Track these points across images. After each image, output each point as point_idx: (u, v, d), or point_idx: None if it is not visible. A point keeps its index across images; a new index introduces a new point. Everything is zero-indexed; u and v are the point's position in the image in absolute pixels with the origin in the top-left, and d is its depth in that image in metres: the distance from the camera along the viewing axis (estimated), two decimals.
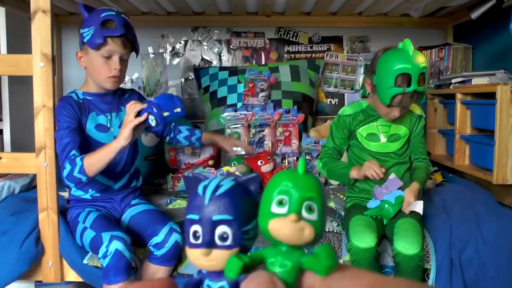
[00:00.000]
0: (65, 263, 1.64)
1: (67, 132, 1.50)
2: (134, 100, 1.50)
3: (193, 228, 0.45)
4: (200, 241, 0.44)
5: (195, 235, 0.45)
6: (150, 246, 1.54)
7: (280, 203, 0.41)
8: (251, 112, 2.38)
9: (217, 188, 0.46)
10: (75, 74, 2.82)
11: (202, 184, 0.47)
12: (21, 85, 2.33)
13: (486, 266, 1.57)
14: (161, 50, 2.87)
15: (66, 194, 1.76)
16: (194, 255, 0.44)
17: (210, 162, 2.25)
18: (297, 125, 2.38)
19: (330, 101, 2.91)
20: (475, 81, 2.07)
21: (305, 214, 0.41)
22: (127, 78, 2.80)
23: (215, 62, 2.89)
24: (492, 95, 1.79)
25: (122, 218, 1.67)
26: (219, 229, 0.44)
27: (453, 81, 2.22)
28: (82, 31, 1.53)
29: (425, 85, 1.53)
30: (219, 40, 2.88)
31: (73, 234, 1.60)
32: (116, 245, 1.41)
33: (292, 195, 0.41)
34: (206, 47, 2.88)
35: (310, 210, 0.41)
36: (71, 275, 1.65)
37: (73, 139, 1.49)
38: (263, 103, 2.46)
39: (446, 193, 1.89)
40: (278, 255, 0.41)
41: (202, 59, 2.89)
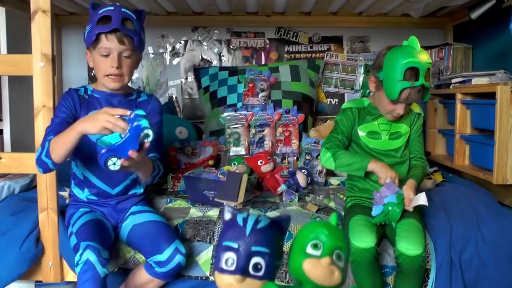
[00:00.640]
0: (65, 263, 1.64)
1: (57, 121, 1.47)
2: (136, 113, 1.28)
3: (228, 255, 0.48)
4: (234, 268, 0.47)
5: (227, 262, 0.48)
6: (151, 261, 1.46)
7: (315, 246, 0.47)
8: (251, 112, 2.38)
9: (257, 222, 0.50)
10: (75, 74, 2.82)
11: (241, 216, 0.51)
12: (21, 85, 2.33)
13: (486, 266, 1.57)
14: (161, 50, 2.87)
15: (66, 194, 1.75)
16: (226, 281, 0.48)
17: (210, 162, 2.25)
18: (297, 125, 2.38)
19: (330, 101, 2.91)
20: (475, 81, 2.07)
21: (335, 261, 0.47)
22: None
23: (215, 62, 2.89)
24: (492, 95, 1.79)
25: (123, 225, 1.58)
26: (254, 260, 0.48)
27: (453, 81, 2.22)
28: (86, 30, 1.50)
29: (430, 82, 1.54)
30: (219, 40, 2.88)
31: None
32: (88, 255, 1.32)
33: (326, 242, 0.47)
34: (206, 47, 2.88)
35: (339, 258, 0.47)
36: (71, 275, 1.65)
37: (58, 128, 1.42)
38: (263, 103, 2.46)
39: (446, 193, 1.88)
40: None
41: (202, 59, 2.89)
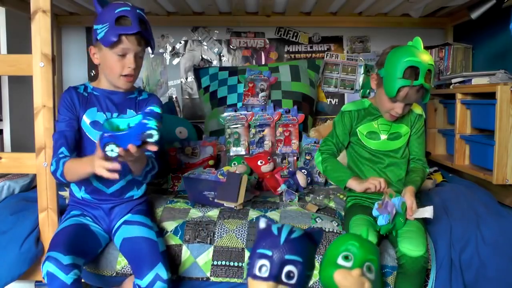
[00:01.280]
0: None
1: (63, 126, 1.49)
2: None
3: (262, 262, 0.50)
4: (267, 275, 0.49)
5: (261, 269, 0.50)
6: (135, 283, 1.39)
7: (346, 258, 0.49)
8: (251, 112, 2.38)
9: (291, 232, 0.52)
10: (75, 74, 2.82)
11: (276, 226, 0.54)
12: (21, 85, 2.33)
13: (486, 266, 1.56)
14: (161, 50, 2.87)
15: (66, 194, 1.75)
16: (259, 287, 0.49)
17: (210, 162, 2.25)
18: (297, 125, 2.38)
19: (330, 101, 2.91)
20: (475, 81, 2.07)
21: (366, 273, 0.48)
22: None
23: (215, 62, 2.89)
24: (492, 95, 1.79)
25: (116, 235, 1.54)
26: (287, 268, 0.50)
27: (453, 81, 2.22)
28: (96, 27, 1.45)
29: (431, 84, 1.54)
30: (219, 40, 2.88)
31: None
32: (47, 267, 1.30)
33: (357, 254, 0.49)
34: (206, 47, 2.88)
35: (370, 270, 0.49)
36: None
37: (66, 135, 1.47)
38: (263, 103, 2.46)
39: (446, 193, 1.88)
40: None
41: (202, 59, 2.89)
